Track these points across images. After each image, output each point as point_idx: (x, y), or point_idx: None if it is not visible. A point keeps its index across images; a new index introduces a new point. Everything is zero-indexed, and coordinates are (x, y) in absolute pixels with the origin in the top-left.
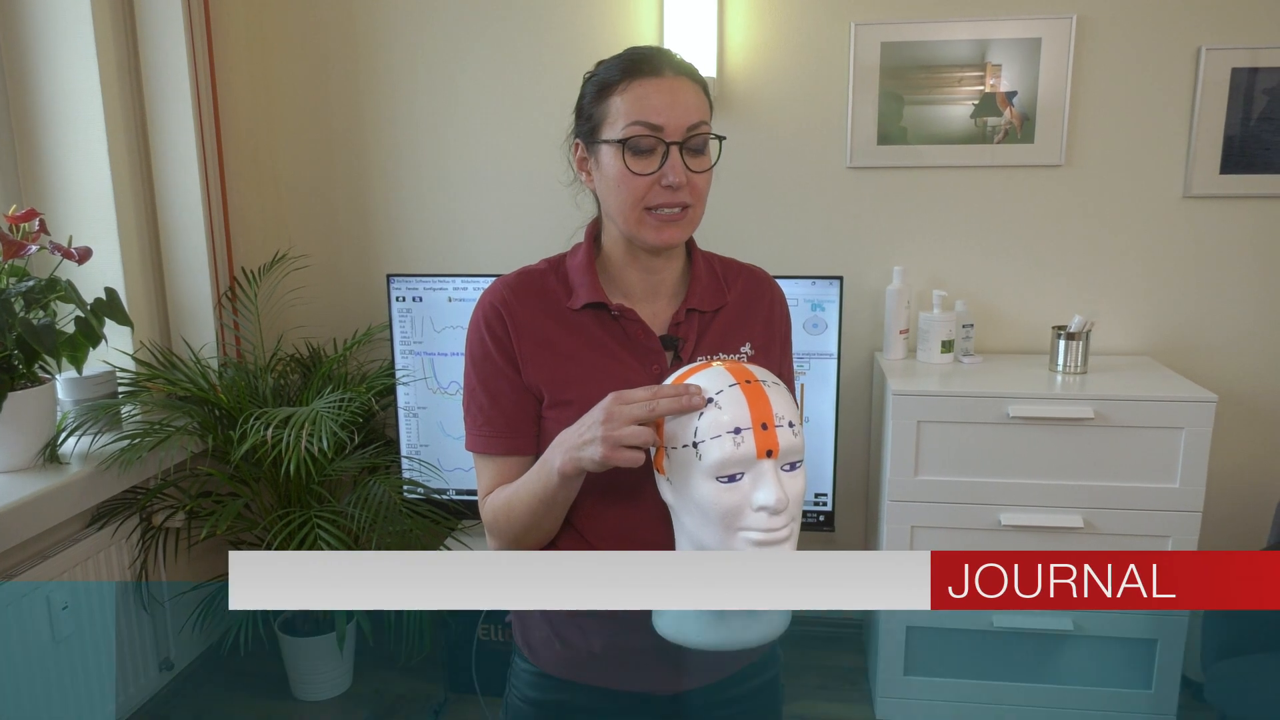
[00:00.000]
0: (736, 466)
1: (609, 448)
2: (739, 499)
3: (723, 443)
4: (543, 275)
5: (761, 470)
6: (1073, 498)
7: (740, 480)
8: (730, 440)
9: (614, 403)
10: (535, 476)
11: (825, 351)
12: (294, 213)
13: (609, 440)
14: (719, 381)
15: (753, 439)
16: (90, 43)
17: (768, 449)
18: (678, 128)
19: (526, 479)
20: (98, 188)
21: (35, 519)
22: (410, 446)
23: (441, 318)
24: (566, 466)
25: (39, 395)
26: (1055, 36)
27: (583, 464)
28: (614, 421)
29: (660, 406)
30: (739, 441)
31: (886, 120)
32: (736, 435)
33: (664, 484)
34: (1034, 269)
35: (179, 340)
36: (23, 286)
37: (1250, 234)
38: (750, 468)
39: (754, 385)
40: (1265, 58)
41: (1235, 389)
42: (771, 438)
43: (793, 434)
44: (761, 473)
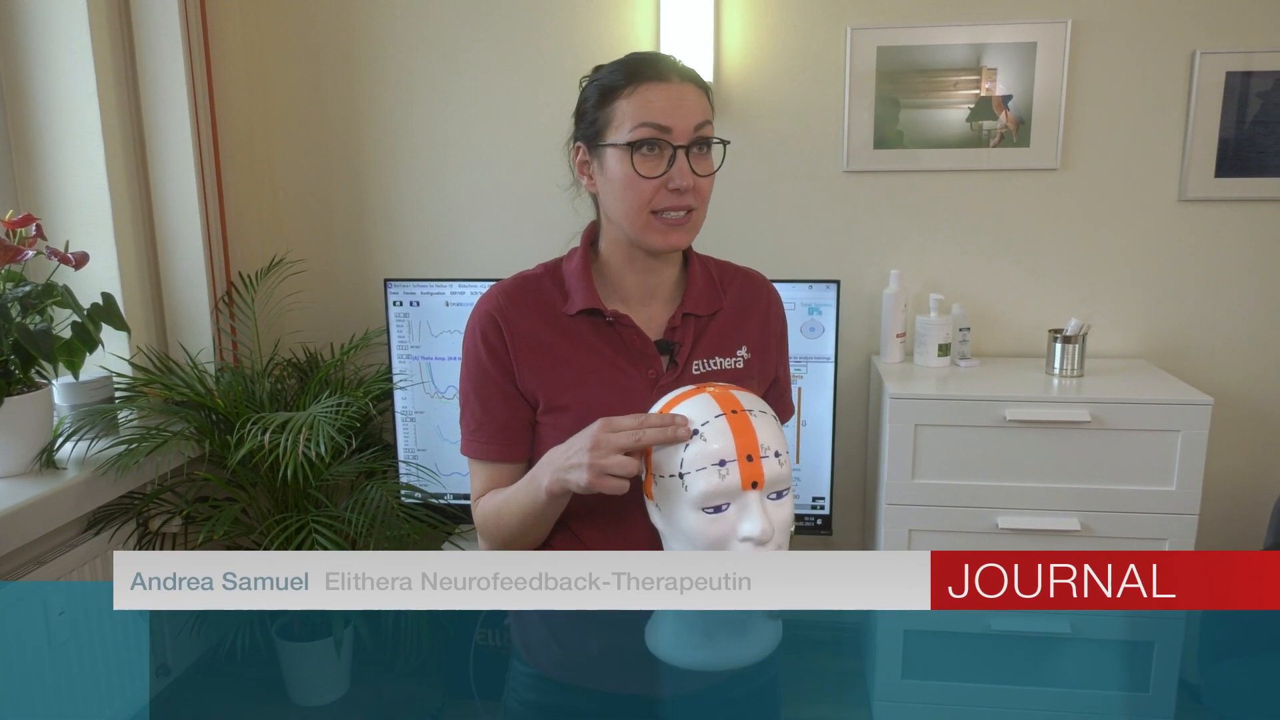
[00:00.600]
0: (722, 498)
1: (594, 475)
2: (724, 530)
3: (708, 475)
4: (539, 280)
5: (747, 502)
6: (1069, 501)
7: (726, 511)
8: (715, 472)
9: (602, 430)
10: (524, 489)
11: (822, 355)
12: (291, 217)
13: (594, 468)
14: (705, 411)
15: (738, 471)
16: (87, 48)
17: (753, 481)
18: (685, 130)
19: (516, 490)
20: (94, 193)
21: (31, 524)
22: (407, 451)
23: (439, 322)
24: (554, 486)
25: (35, 400)
26: (1050, 41)
27: (569, 486)
28: (601, 449)
29: (646, 437)
30: (724, 474)
31: (883, 124)
32: (722, 468)
33: (653, 509)
34: (1030, 272)
35: (176, 345)
36: (19, 292)
37: (1245, 237)
38: (735, 499)
39: (740, 415)
40: (1260, 61)
41: (1231, 392)
42: (757, 469)
43: (779, 464)
44: (746, 504)
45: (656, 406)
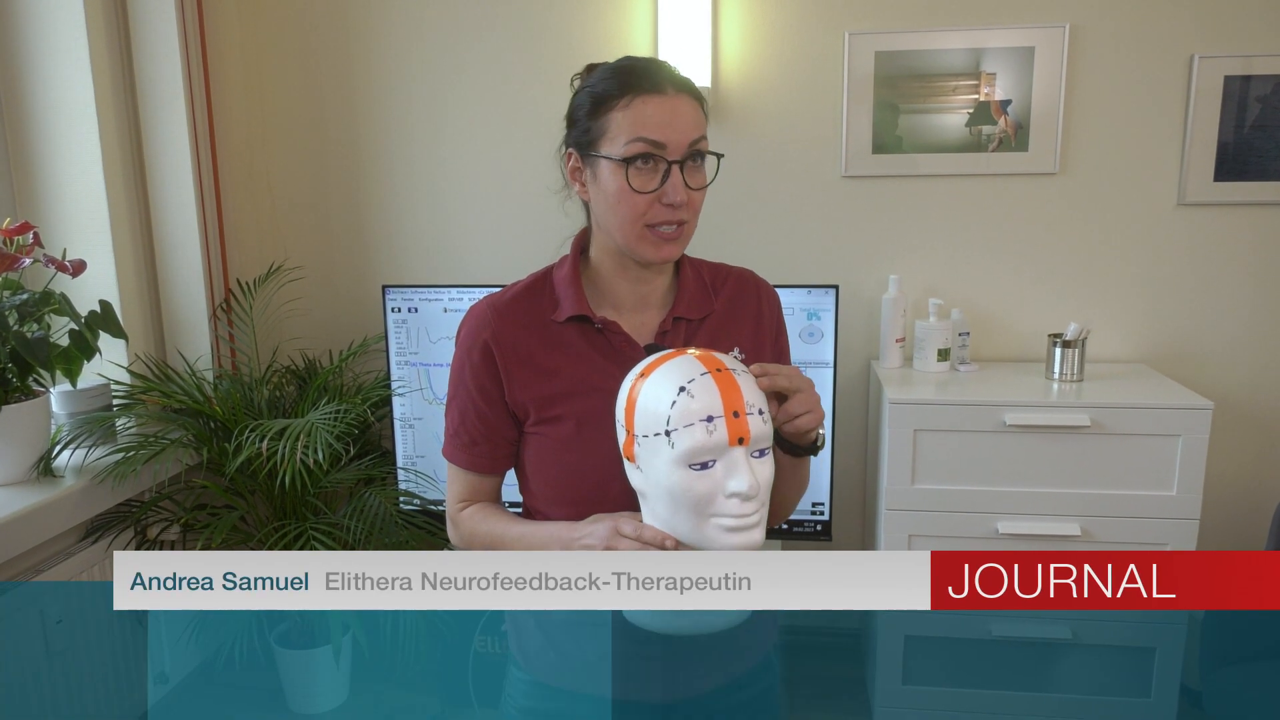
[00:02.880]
0: (709, 454)
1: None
2: (711, 486)
3: (695, 431)
4: (528, 291)
5: (733, 457)
6: (1070, 505)
7: (712, 468)
8: (703, 428)
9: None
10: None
11: (821, 360)
12: (289, 224)
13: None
14: (690, 370)
15: (725, 427)
16: (85, 55)
17: (739, 436)
18: (679, 145)
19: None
20: (92, 200)
21: (29, 533)
22: (406, 458)
23: (437, 328)
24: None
25: (33, 409)
26: (1049, 45)
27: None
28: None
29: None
30: (711, 430)
31: (881, 129)
32: (709, 423)
33: (633, 471)
34: (1029, 277)
35: (174, 353)
36: (17, 300)
37: (1244, 241)
38: (722, 455)
39: (724, 373)
40: (1258, 65)
41: (1231, 396)
42: (743, 425)
43: (762, 421)
44: (733, 460)
45: (637, 369)
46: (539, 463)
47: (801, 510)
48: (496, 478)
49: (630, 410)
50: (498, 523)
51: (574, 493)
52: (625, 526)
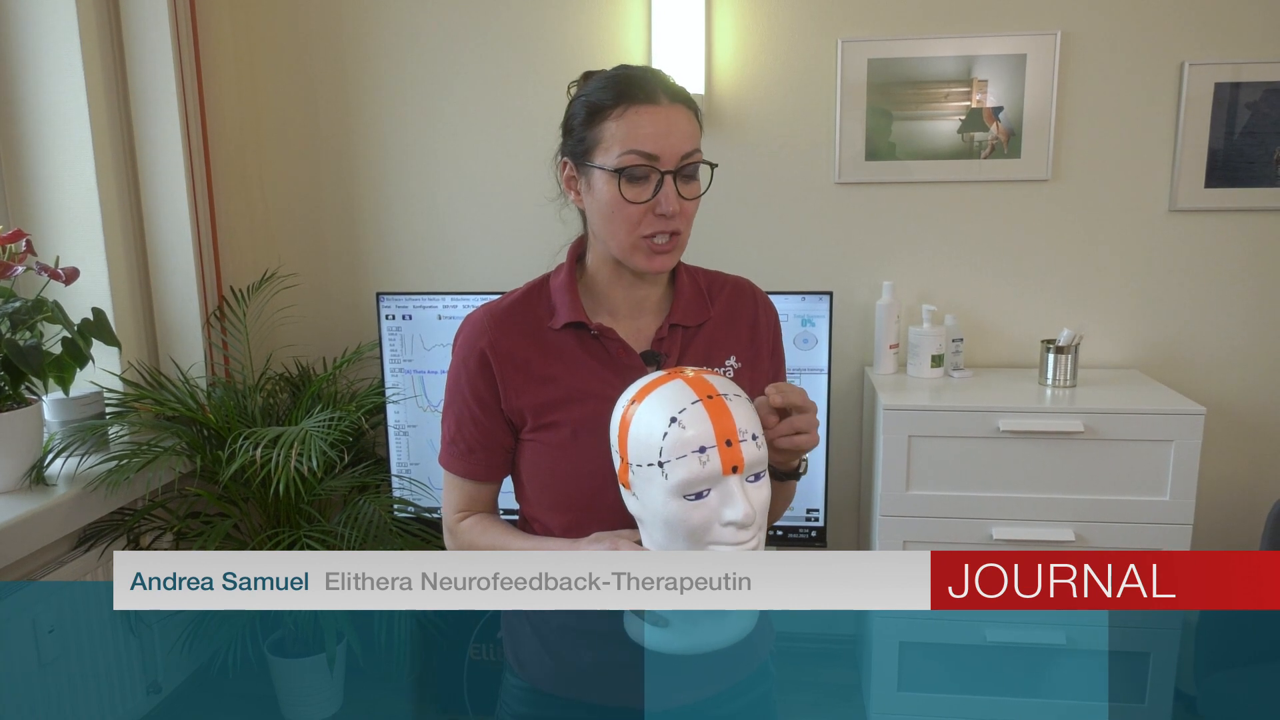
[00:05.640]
0: (703, 484)
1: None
2: (707, 515)
3: (688, 462)
4: (525, 298)
5: (728, 486)
6: (1063, 511)
7: (707, 497)
8: (696, 459)
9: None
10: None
11: (815, 367)
12: (283, 231)
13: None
14: (681, 398)
15: (718, 457)
16: (77, 62)
17: (733, 465)
18: (673, 157)
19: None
20: (85, 208)
21: (22, 541)
22: (400, 465)
23: (431, 335)
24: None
25: (26, 416)
26: (1040, 52)
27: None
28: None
29: None
30: (704, 460)
31: (874, 136)
32: (701, 454)
33: (629, 498)
34: (1022, 283)
35: (167, 360)
36: (9, 307)
37: (1235, 246)
38: (716, 484)
39: (716, 400)
40: (1248, 72)
41: (1223, 401)
42: (736, 454)
43: (756, 447)
44: (728, 489)
45: (630, 392)
46: (535, 469)
47: (796, 516)
48: (494, 486)
49: (624, 437)
50: (497, 537)
51: (570, 499)
52: (624, 548)
